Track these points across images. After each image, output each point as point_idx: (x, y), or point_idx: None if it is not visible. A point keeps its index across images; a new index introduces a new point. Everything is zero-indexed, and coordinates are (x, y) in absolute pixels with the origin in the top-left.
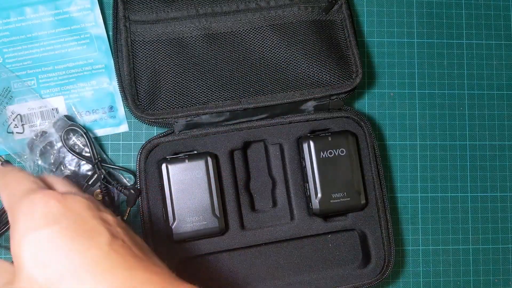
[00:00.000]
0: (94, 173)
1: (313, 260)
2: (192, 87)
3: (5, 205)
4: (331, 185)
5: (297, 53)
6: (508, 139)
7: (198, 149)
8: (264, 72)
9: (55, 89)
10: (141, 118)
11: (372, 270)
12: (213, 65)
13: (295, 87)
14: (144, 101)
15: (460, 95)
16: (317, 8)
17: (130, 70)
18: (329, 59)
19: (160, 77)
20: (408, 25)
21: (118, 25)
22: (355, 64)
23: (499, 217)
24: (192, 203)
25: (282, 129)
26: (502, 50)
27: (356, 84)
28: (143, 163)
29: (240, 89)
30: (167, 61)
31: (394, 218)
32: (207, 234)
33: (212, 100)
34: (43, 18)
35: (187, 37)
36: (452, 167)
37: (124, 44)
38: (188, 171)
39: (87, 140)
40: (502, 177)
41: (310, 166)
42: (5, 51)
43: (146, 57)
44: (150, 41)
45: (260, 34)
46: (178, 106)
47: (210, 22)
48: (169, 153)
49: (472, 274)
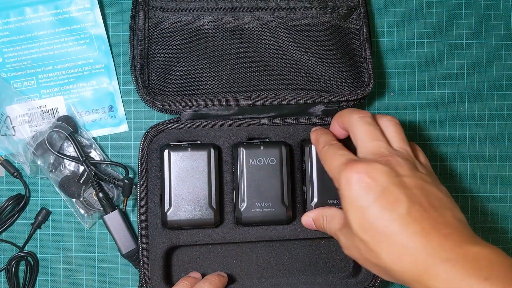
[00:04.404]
0: (84, 171)
1: (303, 263)
2: (204, 78)
3: (330, 175)
4: (329, 191)
5: (311, 56)
6: (508, 139)
7: (202, 140)
8: (276, 71)
9: (55, 89)
10: (150, 103)
11: (361, 281)
12: (227, 59)
13: (306, 90)
14: (155, 86)
15: (460, 95)
16: (336, 14)
17: (144, 55)
18: (342, 65)
19: (173, 65)
20: (408, 25)
21: (137, 8)
22: (367, 73)
23: (499, 217)
24: (189, 192)
25: (288, 130)
26: (502, 50)
27: (366, 93)
28: (146, 147)
29: (251, 85)
30: (182, 50)
31: None
32: (201, 224)
33: (222, 93)
34: (43, 18)
35: (204, 28)
36: (452, 167)
37: (141, 28)
38: (189, 160)
39: (71, 140)
40: (502, 177)
41: (309, 170)
42: (5, 51)
43: (162, 44)
44: (167, 29)
45: (276, 33)
46: (188, 95)
47: (228, 16)
48: (173, 140)
49: None
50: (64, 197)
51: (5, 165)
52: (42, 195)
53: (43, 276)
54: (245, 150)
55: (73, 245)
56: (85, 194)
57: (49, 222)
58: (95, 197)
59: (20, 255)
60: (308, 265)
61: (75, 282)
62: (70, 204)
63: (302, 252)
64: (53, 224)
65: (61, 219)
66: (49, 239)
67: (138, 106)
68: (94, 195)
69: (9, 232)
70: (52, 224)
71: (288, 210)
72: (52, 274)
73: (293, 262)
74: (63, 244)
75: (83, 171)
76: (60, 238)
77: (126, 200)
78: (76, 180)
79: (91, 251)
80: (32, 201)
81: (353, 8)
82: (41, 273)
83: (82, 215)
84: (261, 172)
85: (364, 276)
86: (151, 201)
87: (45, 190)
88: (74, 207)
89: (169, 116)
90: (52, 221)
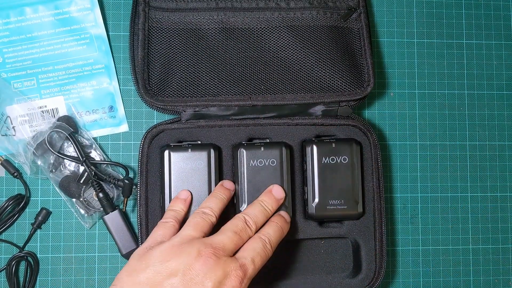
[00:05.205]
0: (84, 171)
1: (303, 263)
2: (204, 78)
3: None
4: (329, 191)
5: (311, 56)
6: (508, 139)
7: (202, 140)
8: (276, 71)
9: (55, 89)
10: (150, 103)
11: (361, 281)
12: (227, 59)
13: (306, 90)
14: (155, 86)
15: (460, 95)
16: (336, 14)
17: (144, 55)
18: (342, 65)
19: (173, 65)
20: (408, 25)
21: (137, 8)
22: (367, 73)
23: (499, 217)
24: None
25: (288, 130)
26: (502, 50)
27: (367, 93)
28: (146, 147)
29: (250, 86)
30: (182, 50)
31: (395, 218)
32: None
33: (222, 93)
34: (43, 18)
35: (204, 28)
36: (452, 167)
37: (141, 28)
38: (189, 160)
39: (71, 140)
40: (502, 177)
41: (310, 170)
42: (5, 51)
43: (162, 44)
44: (167, 29)
45: (276, 33)
46: (188, 95)
47: (228, 17)
48: (173, 141)
49: (472, 274)
50: (64, 197)
51: (5, 165)
52: (42, 195)
53: (43, 276)
54: (246, 151)
55: (73, 245)
56: (85, 194)
57: (49, 222)
58: (95, 197)
59: (20, 255)
60: (308, 264)
61: (75, 282)
62: (70, 204)
63: (302, 252)
64: (53, 224)
65: (61, 219)
66: (49, 239)
67: (138, 106)
68: (94, 195)
69: (9, 232)
70: (52, 224)
71: (289, 211)
72: (52, 274)
73: (293, 262)
74: (63, 244)
75: (83, 171)
76: (60, 238)
77: (126, 200)
78: (76, 180)
79: (91, 251)
80: (32, 201)
81: (353, 8)
82: (41, 273)
83: (82, 215)
84: (262, 173)
85: (364, 276)
86: (151, 201)
87: (45, 190)
88: (74, 207)
89: (169, 116)
90: (52, 221)
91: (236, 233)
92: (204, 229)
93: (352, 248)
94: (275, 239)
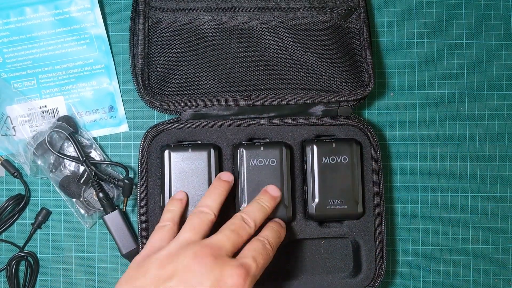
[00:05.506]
0: (84, 171)
1: (303, 263)
2: (204, 78)
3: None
4: (330, 191)
5: (311, 56)
6: (508, 139)
7: (203, 140)
8: (276, 71)
9: (55, 89)
10: (150, 103)
11: (361, 281)
12: (227, 59)
13: (306, 90)
14: (155, 86)
15: (460, 95)
16: (336, 14)
17: (145, 55)
18: (342, 65)
19: (173, 65)
20: (408, 25)
21: (138, 8)
22: (367, 73)
23: (499, 217)
24: (190, 192)
25: (288, 130)
26: (502, 50)
27: (367, 93)
28: (146, 147)
29: (251, 86)
30: (182, 50)
31: (395, 218)
32: None
33: (222, 93)
34: (43, 18)
35: (204, 28)
36: (452, 167)
37: (141, 28)
38: (190, 160)
39: (71, 140)
40: (502, 177)
41: (311, 170)
42: (5, 51)
43: (162, 44)
44: (167, 29)
45: (276, 33)
46: (188, 95)
47: (228, 17)
48: (174, 141)
49: (472, 274)
50: (64, 197)
51: (6, 165)
52: (42, 195)
53: (43, 276)
54: (246, 151)
55: (73, 245)
56: (85, 194)
57: (49, 222)
58: (95, 197)
59: (20, 255)
60: (308, 264)
61: (75, 282)
62: (70, 204)
63: (302, 252)
64: (53, 224)
65: (61, 219)
66: (49, 239)
67: (138, 106)
68: (94, 195)
69: (9, 232)
70: (52, 224)
71: (289, 211)
72: (53, 274)
73: (293, 262)
74: (63, 244)
75: (83, 171)
76: (60, 238)
77: (126, 200)
78: (76, 180)
79: (91, 251)
80: (32, 201)
81: (353, 8)
82: (41, 273)
83: (82, 215)
84: (262, 173)
85: (364, 276)
86: (151, 201)
87: (45, 190)
88: (74, 207)
89: (169, 116)
90: (52, 221)
91: (234, 231)
92: (202, 230)
93: (352, 248)
94: (273, 240)
